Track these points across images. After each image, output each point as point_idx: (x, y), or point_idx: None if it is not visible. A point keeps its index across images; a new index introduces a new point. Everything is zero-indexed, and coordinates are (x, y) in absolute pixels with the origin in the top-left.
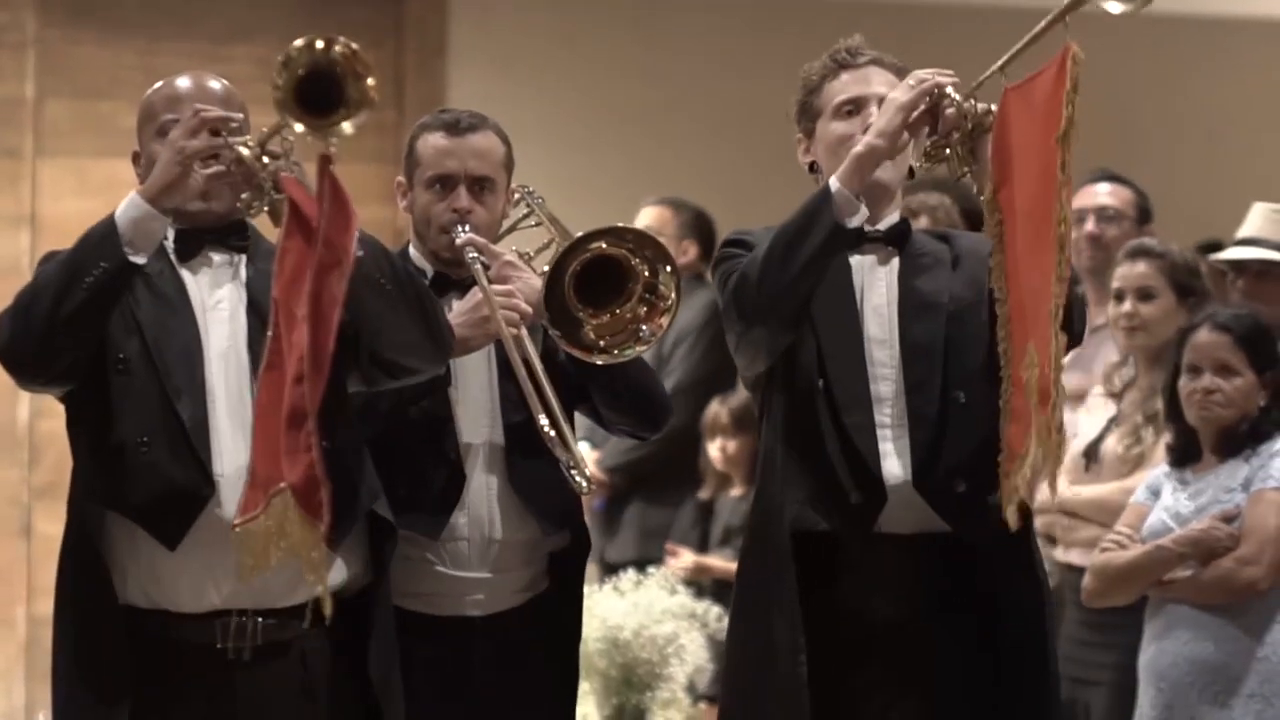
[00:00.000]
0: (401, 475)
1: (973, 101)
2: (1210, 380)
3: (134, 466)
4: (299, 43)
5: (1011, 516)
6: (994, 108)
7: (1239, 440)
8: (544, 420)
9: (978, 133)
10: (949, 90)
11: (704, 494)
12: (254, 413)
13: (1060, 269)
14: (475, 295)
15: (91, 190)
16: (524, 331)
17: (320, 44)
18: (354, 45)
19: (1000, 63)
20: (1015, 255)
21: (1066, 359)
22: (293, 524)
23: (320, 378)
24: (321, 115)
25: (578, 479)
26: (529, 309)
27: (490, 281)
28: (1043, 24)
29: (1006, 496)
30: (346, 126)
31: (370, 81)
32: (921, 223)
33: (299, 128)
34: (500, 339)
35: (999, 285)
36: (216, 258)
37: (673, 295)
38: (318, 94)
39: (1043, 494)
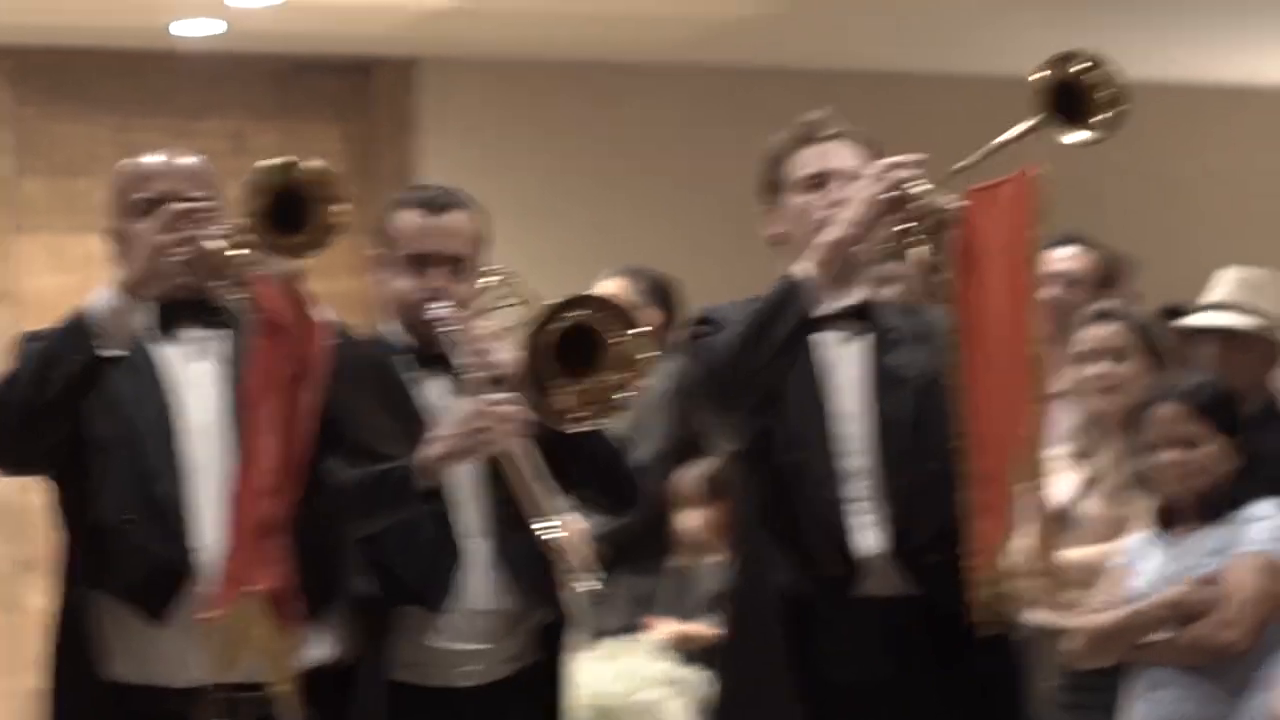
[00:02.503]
0: (399, 549)
1: (935, 196)
2: (1176, 454)
3: (117, 546)
4: (270, 162)
5: (981, 616)
6: (957, 205)
7: (1217, 505)
8: (543, 532)
9: (942, 227)
10: (913, 186)
11: (679, 561)
12: (227, 507)
13: (1036, 389)
14: (471, 406)
15: (68, 266)
16: (519, 445)
17: (291, 162)
18: (327, 167)
19: (964, 164)
20: (977, 356)
21: None
22: (261, 629)
23: (292, 489)
24: (290, 234)
25: (583, 585)
26: (532, 415)
27: (468, 359)
28: (1007, 136)
29: (979, 596)
30: (316, 251)
31: (340, 207)
32: (887, 293)
33: (271, 256)
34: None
35: (958, 384)
36: (193, 333)
37: (645, 359)
38: (288, 212)
39: (1019, 557)
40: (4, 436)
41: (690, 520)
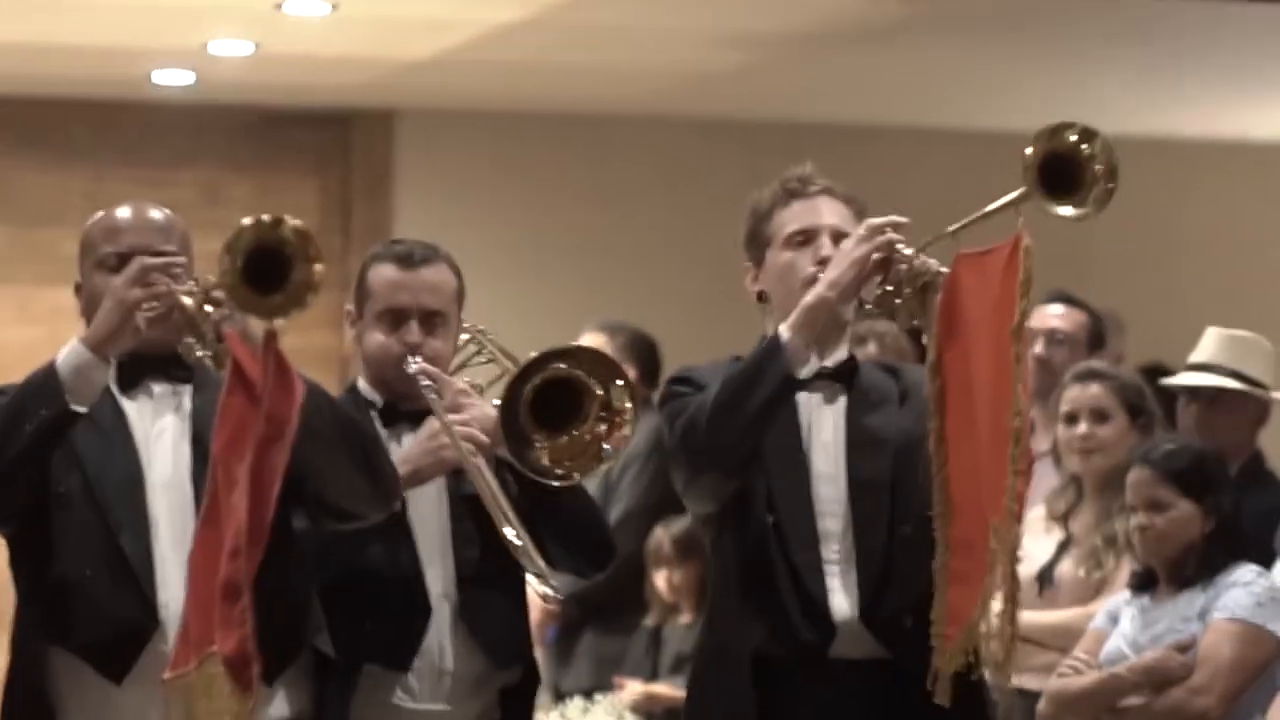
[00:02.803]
0: (365, 609)
1: (923, 258)
2: (1144, 518)
3: (77, 602)
4: (246, 221)
5: (943, 689)
6: (944, 270)
7: (1191, 571)
8: (510, 532)
9: (928, 291)
10: (900, 248)
11: (650, 621)
12: (189, 566)
13: (1015, 462)
14: (431, 424)
15: (33, 318)
16: (482, 460)
17: (268, 220)
18: (304, 226)
19: (951, 229)
20: (957, 423)
21: None
22: (221, 691)
23: (257, 550)
24: (267, 292)
25: (544, 589)
26: (486, 439)
27: (445, 410)
28: (996, 205)
29: (946, 666)
30: (293, 312)
31: (318, 266)
32: (870, 350)
33: (248, 316)
34: (456, 467)
35: (937, 450)
36: (158, 388)
37: (629, 409)
38: (265, 270)
39: (990, 622)
40: None
41: (661, 580)
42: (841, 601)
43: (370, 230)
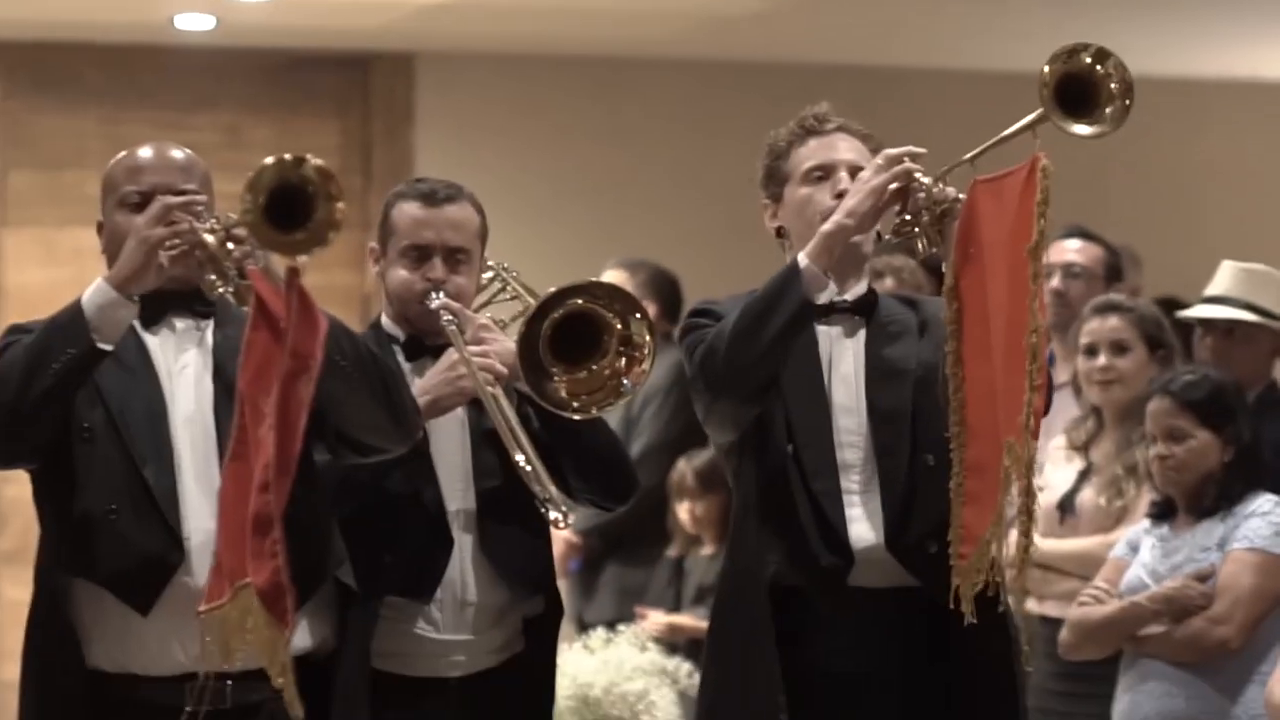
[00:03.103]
0: (387, 541)
1: (941, 186)
2: (1163, 447)
3: (103, 535)
4: (268, 160)
5: (967, 607)
6: (962, 196)
7: (1210, 500)
8: (520, 458)
9: (946, 218)
10: (918, 176)
11: (673, 553)
12: (219, 500)
13: (1032, 378)
14: (451, 355)
15: (58, 260)
16: (499, 390)
17: (290, 160)
18: (326, 165)
19: (969, 156)
20: (974, 346)
21: None
22: (257, 622)
23: (286, 482)
24: (289, 230)
25: (554, 514)
26: (504, 369)
27: (466, 343)
28: (1014, 129)
29: (965, 586)
30: (316, 250)
31: (340, 205)
32: (886, 283)
33: (270, 253)
34: (476, 396)
35: (954, 372)
36: (180, 323)
37: (649, 344)
38: (287, 208)
39: (1013, 549)
40: None
41: (684, 512)
42: (862, 530)
43: (390, 171)
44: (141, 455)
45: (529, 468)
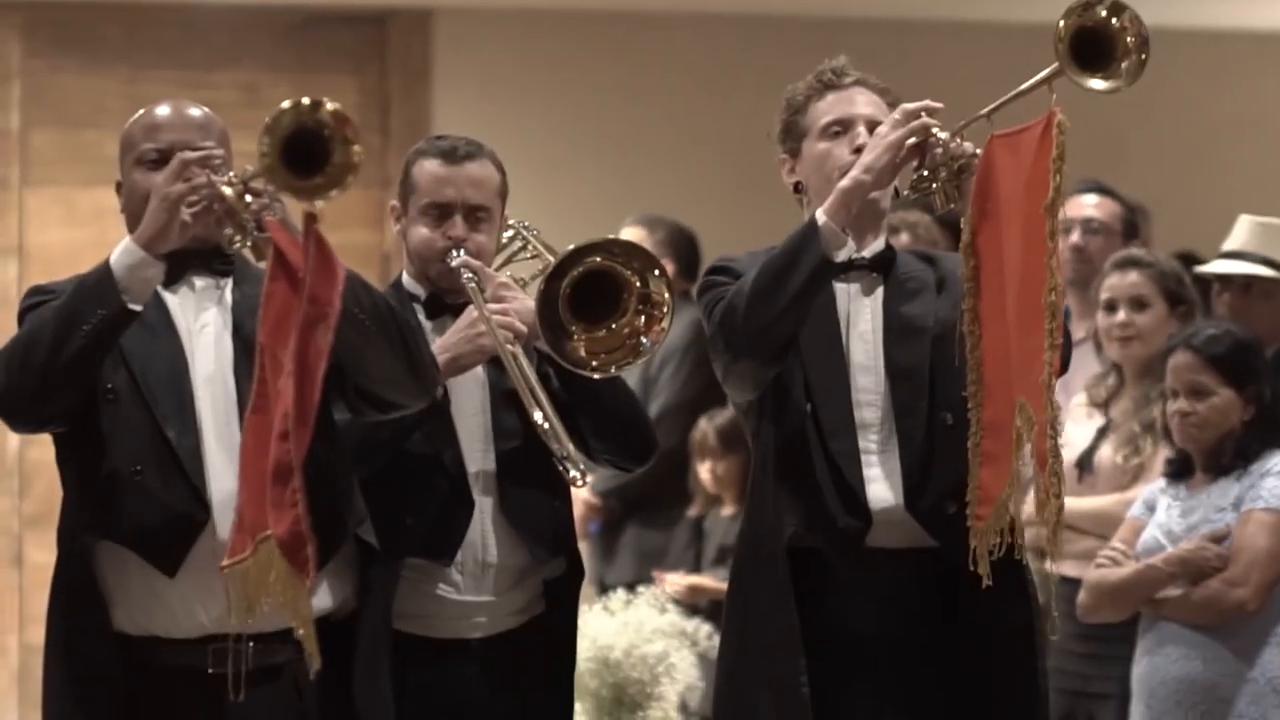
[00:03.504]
0: (408, 502)
1: (959, 141)
2: (1184, 403)
3: (128, 496)
4: (285, 103)
5: (984, 568)
6: (979, 152)
7: (1227, 459)
8: (538, 415)
9: (964, 173)
10: (936, 131)
11: (694, 512)
12: (240, 453)
13: (1052, 336)
14: (471, 313)
15: (79, 220)
16: (519, 348)
17: (307, 103)
18: (342, 109)
19: (986, 110)
20: (991, 303)
21: None
22: (279, 574)
23: (306, 431)
24: (306, 175)
25: (571, 472)
26: (523, 327)
27: (485, 301)
28: (1029, 84)
29: (981, 547)
30: (332, 193)
31: (357, 148)
32: (902, 239)
33: (286, 196)
34: (495, 354)
35: (971, 330)
36: (200, 282)
37: (667, 302)
38: (303, 153)
39: (1033, 508)
40: (23, 394)
41: (705, 471)
42: (880, 490)
43: (409, 129)
44: (164, 415)
45: (546, 425)
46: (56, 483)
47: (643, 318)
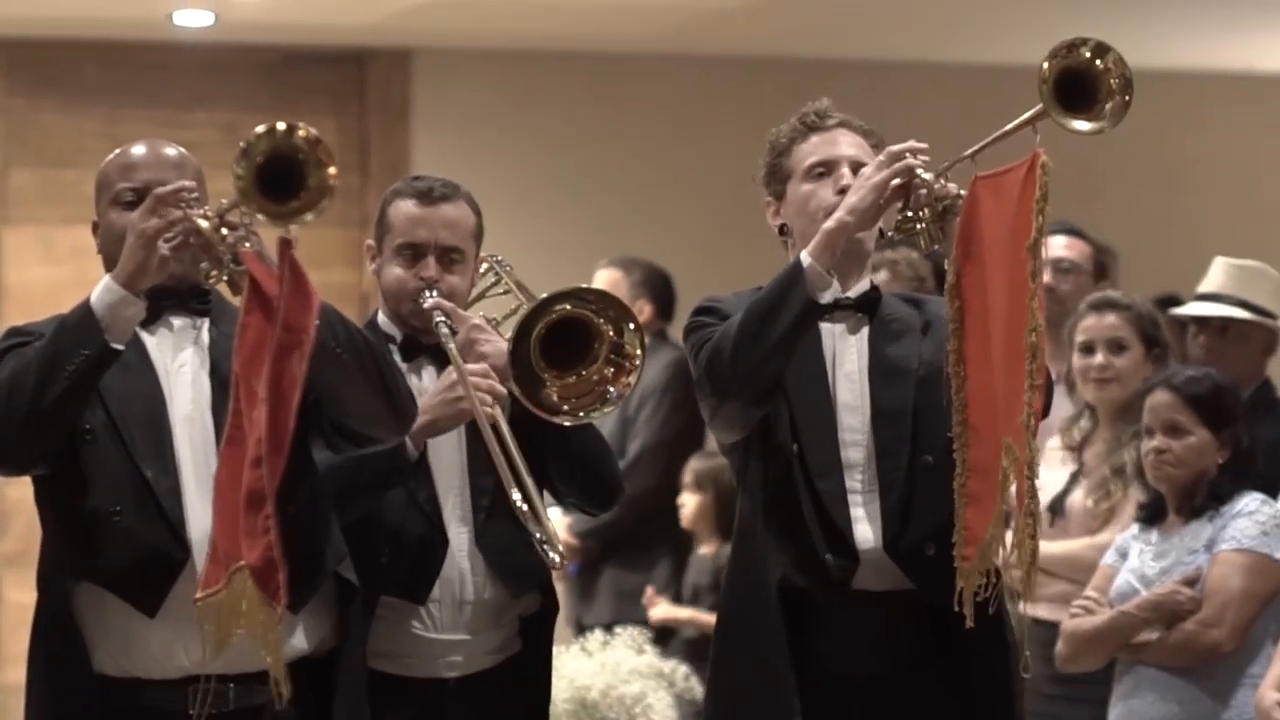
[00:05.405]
0: (383, 540)
1: (943, 182)
2: (1160, 441)
3: (107, 536)
4: (260, 128)
5: (969, 609)
6: (963, 193)
7: (1200, 500)
8: (517, 495)
9: (948, 215)
10: (920, 172)
11: (707, 550)
12: (214, 485)
13: (1032, 377)
14: (450, 375)
15: (58, 258)
16: (499, 411)
17: (282, 128)
18: (316, 132)
19: (970, 152)
20: (976, 345)
21: None
22: (251, 603)
23: (279, 459)
24: (282, 201)
25: (550, 554)
26: (504, 390)
27: (459, 347)
28: (1013, 125)
29: (967, 588)
30: (307, 216)
31: (332, 170)
32: (881, 277)
33: (260, 218)
34: (473, 418)
35: (956, 371)
36: (177, 321)
37: (639, 355)
38: (279, 179)
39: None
40: (11, 441)
41: (683, 510)
42: (865, 530)
43: (388, 168)
44: (142, 455)
45: (525, 507)
46: (35, 521)
47: (612, 368)
